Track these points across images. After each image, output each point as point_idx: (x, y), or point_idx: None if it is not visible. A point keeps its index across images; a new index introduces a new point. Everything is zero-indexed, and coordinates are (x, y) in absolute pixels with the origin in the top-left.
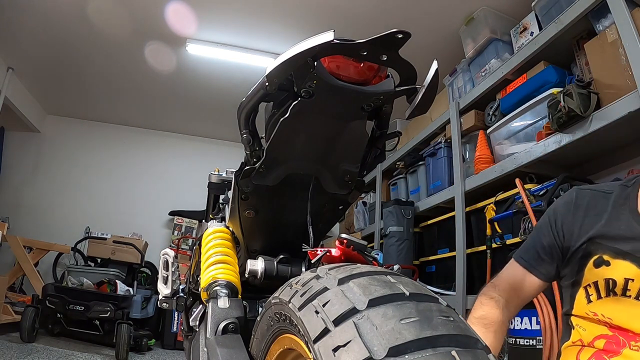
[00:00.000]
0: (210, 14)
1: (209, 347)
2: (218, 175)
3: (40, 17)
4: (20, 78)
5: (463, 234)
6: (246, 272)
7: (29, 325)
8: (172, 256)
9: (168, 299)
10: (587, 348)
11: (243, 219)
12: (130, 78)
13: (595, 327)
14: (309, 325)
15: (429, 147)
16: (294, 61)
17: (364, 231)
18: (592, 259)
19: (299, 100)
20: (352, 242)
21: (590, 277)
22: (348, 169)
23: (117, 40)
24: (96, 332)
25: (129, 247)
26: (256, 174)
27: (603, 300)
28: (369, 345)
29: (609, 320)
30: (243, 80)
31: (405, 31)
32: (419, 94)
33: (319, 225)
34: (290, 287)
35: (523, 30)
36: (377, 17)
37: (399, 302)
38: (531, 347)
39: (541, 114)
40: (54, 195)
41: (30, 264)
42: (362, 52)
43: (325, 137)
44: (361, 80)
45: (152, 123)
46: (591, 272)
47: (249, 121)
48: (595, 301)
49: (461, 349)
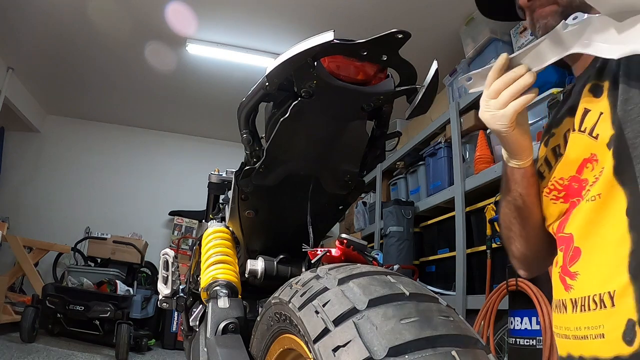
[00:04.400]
0: (210, 14)
1: (209, 347)
2: (218, 175)
3: (41, 17)
4: (20, 78)
5: (463, 234)
6: (246, 272)
7: (29, 325)
8: (172, 256)
9: (168, 299)
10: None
11: (243, 219)
12: (130, 78)
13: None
14: (309, 325)
15: (429, 147)
16: (294, 61)
17: (364, 231)
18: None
19: (299, 100)
20: (352, 242)
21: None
22: (348, 169)
23: (117, 40)
24: (96, 332)
25: (129, 247)
26: (256, 174)
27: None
28: (369, 345)
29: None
30: (243, 80)
31: (405, 31)
32: (419, 94)
33: (319, 225)
34: (290, 287)
35: (523, 31)
36: (377, 17)
37: (399, 302)
38: (531, 347)
39: (541, 114)
40: (54, 195)
41: (30, 264)
42: (362, 52)
43: (325, 137)
44: (361, 81)
45: (152, 123)
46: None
47: (249, 121)
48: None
49: (461, 349)
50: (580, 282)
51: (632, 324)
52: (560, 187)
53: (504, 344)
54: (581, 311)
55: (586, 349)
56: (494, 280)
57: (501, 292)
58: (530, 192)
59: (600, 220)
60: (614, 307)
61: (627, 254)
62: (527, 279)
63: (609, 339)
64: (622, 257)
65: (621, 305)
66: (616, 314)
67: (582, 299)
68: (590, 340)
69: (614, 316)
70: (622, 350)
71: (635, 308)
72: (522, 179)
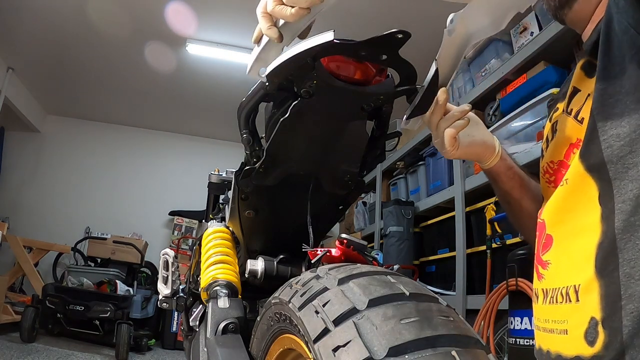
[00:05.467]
0: (210, 14)
1: (209, 347)
2: (218, 175)
3: (40, 17)
4: (20, 78)
5: (463, 234)
6: (246, 272)
7: (29, 325)
8: (172, 256)
9: (168, 299)
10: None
11: (243, 219)
12: (130, 78)
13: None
14: (309, 325)
15: (429, 147)
16: (294, 61)
17: (364, 231)
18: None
19: (299, 100)
20: (352, 242)
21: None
22: (348, 169)
23: (117, 40)
24: (96, 332)
25: (129, 247)
26: (256, 174)
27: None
28: (369, 345)
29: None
30: (243, 80)
31: (405, 31)
32: (419, 94)
33: (319, 225)
34: (290, 287)
35: (523, 31)
36: (377, 17)
37: (399, 302)
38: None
39: (541, 114)
40: (54, 195)
41: (30, 264)
42: (362, 52)
43: (325, 137)
44: (361, 81)
45: (152, 123)
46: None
47: (249, 121)
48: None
49: (461, 349)
50: (551, 272)
51: (595, 323)
52: (551, 171)
53: (504, 344)
54: (550, 303)
55: (552, 343)
56: (494, 280)
57: (501, 292)
58: (512, 185)
59: (572, 207)
60: (578, 303)
61: (595, 245)
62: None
63: (572, 336)
64: (590, 249)
65: (585, 302)
66: (580, 310)
67: (551, 290)
68: (556, 335)
69: (578, 312)
70: (583, 350)
71: (599, 306)
72: (497, 176)
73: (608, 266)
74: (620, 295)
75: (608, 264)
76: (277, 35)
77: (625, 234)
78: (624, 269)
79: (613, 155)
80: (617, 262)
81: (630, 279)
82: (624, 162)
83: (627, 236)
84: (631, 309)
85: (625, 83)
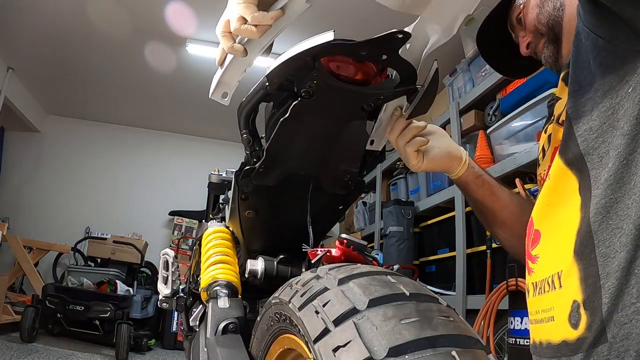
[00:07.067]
0: (210, 14)
1: (209, 347)
2: (218, 175)
3: (40, 17)
4: (20, 78)
5: (463, 234)
6: (246, 272)
7: (29, 325)
8: (172, 256)
9: (168, 299)
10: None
11: (243, 219)
12: (130, 78)
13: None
14: (309, 325)
15: None
16: (294, 61)
17: (364, 231)
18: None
19: (299, 100)
20: (352, 242)
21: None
22: (348, 169)
23: (117, 40)
24: (96, 332)
25: (129, 247)
26: (256, 174)
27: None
28: (369, 345)
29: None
30: (243, 80)
31: (405, 31)
32: (419, 94)
33: (319, 225)
34: (290, 287)
35: None
36: (377, 18)
37: (399, 302)
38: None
39: (541, 114)
40: (54, 195)
41: (30, 264)
42: (362, 52)
43: (325, 137)
44: (361, 81)
45: (152, 123)
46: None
47: (249, 121)
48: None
49: (461, 349)
50: (540, 265)
51: (577, 306)
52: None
53: (504, 344)
54: (539, 294)
55: (542, 333)
56: (494, 280)
57: (501, 292)
58: (482, 193)
59: (556, 201)
60: (562, 288)
61: (575, 232)
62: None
63: (558, 322)
64: (571, 237)
65: (567, 286)
66: (563, 295)
67: (540, 282)
68: (544, 324)
69: (561, 297)
70: (568, 334)
71: (579, 288)
72: (466, 185)
73: (585, 249)
74: (599, 275)
75: (585, 247)
76: (242, 50)
77: (598, 215)
78: (600, 249)
79: (589, 148)
80: (593, 243)
81: (606, 258)
82: (598, 153)
83: (600, 218)
84: (609, 286)
85: (593, 81)
